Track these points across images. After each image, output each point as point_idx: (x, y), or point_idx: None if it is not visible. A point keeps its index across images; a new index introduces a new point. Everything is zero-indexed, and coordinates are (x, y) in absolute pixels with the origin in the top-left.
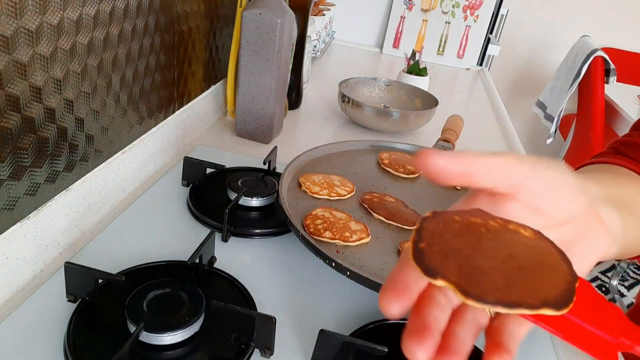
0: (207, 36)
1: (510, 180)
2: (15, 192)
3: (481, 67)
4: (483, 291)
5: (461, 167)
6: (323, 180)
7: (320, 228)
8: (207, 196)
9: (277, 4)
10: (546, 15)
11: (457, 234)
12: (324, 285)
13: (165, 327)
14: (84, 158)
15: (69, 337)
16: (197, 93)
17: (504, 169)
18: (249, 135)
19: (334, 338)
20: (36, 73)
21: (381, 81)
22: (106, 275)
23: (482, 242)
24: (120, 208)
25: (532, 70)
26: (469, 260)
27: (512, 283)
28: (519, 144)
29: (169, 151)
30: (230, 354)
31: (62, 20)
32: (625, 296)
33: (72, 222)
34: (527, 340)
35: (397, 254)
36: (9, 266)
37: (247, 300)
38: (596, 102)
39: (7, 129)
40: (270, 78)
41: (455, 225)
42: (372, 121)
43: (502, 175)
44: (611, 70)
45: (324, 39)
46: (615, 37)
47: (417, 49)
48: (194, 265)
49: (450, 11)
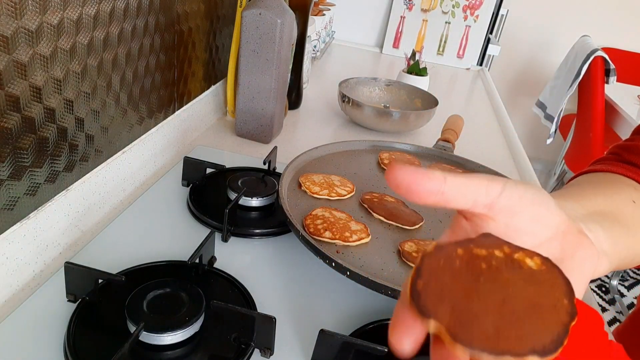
0: (207, 36)
1: (484, 200)
2: (15, 192)
3: (481, 67)
4: (472, 337)
5: (432, 184)
6: (323, 180)
7: (320, 228)
8: (207, 196)
9: (277, 4)
10: (546, 15)
11: (456, 273)
12: (324, 285)
13: (165, 327)
14: (84, 158)
15: (69, 337)
16: (197, 93)
17: (475, 189)
18: (249, 135)
19: (334, 338)
20: (36, 73)
21: (381, 81)
22: (106, 275)
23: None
24: (120, 208)
25: (532, 70)
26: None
27: (502, 329)
28: (519, 144)
29: (169, 151)
30: (230, 354)
31: (62, 20)
32: (625, 296)
33: (72, 222)
34: None
35: (397, 254)
36: (9, 266)
37: (247, 300)
38: (596, 102)
39: (7, 129)
40: (270, 78)
41: (456, 261)
42: (372, 121)
43: (474, 195)
44: (611, 70)
45: (324, 39)
46: (615, 37)
47: (417, 49)
48: (194, 265)
49: (450, 11)
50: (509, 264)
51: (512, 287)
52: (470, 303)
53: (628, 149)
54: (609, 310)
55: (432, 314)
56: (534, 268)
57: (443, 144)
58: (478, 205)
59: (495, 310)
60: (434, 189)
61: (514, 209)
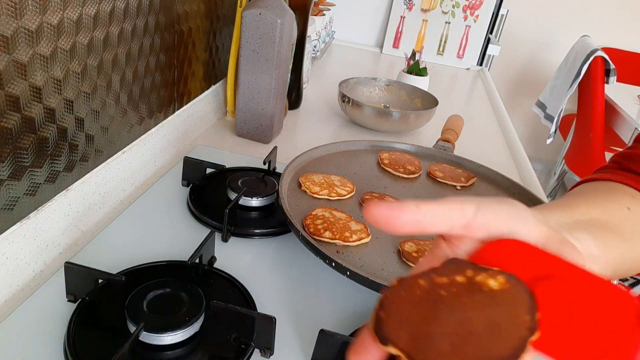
0: (207, 36)
1: (460, 221)
2: (15, 192)
3: (481, 67)
4: (428, 357)
5: (407, 216)
6: (323, 180)
7: (320, 228)
8: (207, 196)
9: (277, 4)
10: (546, 15)
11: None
12: (324, 285)
13: (165, 327)
14: (84, 158)
15: (69, 337)
16: (197, 93)
17: (450, 212)
18: (249, 135)
19: (334, 338)
20: (36, 73)
21: (381, 81)
22: (106, 275)
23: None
24: (120, 208)
25: (532, 70)
26: (421, 328)
27: (458, 348)
28: (519, 144)
29: (169, 151)
30: (230, 354)
31: (62, 20)
32: None
33: (72, 222)
34: None
35: (397, 254)
36: (9, 266)
37: (247, 300)
38: (596, 102)
39: (7, 129)
40: (270, 78)
41: (417, 291)
42: (372, 121)
43: (450, 218)
44: (611, 70)
45: (324, 39)
46: (615, 37)
47: (417, 49)
48: (194, 265)
49: (450, 11)
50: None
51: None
52: (428, 327)
53: (629, 157)
54: None
55: (391, 340)
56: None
57: (443, 144)
58: (455, 227)
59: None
60: (409, 220)
61: (490, 227)
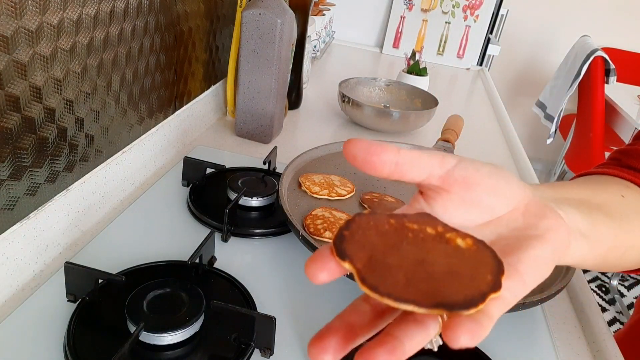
0: (207, 36)
1: (438, 172)
2: (15, 192)
3: (481, 67)
4: (379, 283)
5: (386, 156)
6: (323, 180)
7: (320, 228)
8: (207, 196)
9: (277, 4)
10: (546, 15)
11: (382, 233)
12: (324, 285)
13: (165, 327)
14: (84, 158)
15: (69, 337)
16: (197, 93)
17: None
18: (249, 135)
19: None
20: (36, 73)
21: (381, 81)
22: (106, 275)
23: (402, 244)
24: (120, 208)
25: (532, 70)
26: (381, 255)
27: (412, 283)
28: (519, 144)
29: (169, 151)
30: (230, 354)
31: (62, 20)
32: (625, 296)
33: (72, 222)
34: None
35: None
36: (9, 266)
37: (247, 300)
38: (596, 102)
39: (7, 129)
40: (270, 78)
41: (385, 225)
42: (372, 121)
43: (429, 167)
44: (611, 70)
45: (324, 39)
46: (615, 37)
47: (417, 49)
48: (194, 265)
49: (450, 11)
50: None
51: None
52: (388, 257)
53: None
54: (609, 310)
55: (349, 257)
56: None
57: (443, 144)
58: (433, 177)
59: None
60: (388, 160)
61: (470, 181)
